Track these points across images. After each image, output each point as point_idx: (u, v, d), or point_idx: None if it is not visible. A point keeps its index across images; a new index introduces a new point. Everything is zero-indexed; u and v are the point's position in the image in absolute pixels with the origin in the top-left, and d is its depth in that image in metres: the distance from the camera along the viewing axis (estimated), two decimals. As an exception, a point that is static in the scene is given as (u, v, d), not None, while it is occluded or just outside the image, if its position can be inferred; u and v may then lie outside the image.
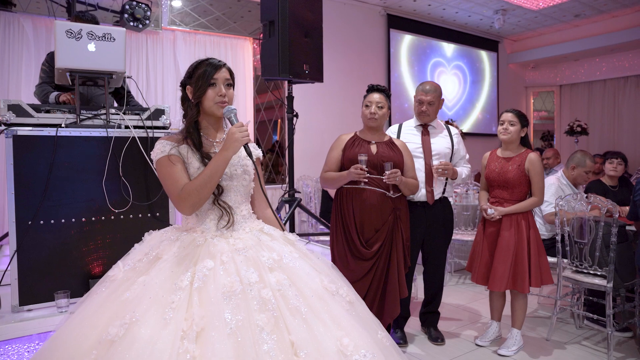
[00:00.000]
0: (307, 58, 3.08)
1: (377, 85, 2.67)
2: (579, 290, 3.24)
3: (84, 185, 2.36)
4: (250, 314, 1.27)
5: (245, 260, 1.43)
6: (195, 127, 1.62)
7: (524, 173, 2.71)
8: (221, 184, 1.56)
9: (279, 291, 1.36)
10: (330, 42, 6.22)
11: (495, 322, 2.94)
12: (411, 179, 2.62)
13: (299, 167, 5.78)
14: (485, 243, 2.80)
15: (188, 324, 1.22)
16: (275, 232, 1.62)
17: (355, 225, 2.51)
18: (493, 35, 8.34)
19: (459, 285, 4.27)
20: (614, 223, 2.70)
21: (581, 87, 8.83)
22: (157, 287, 1.32)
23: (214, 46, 5.28)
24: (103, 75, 2.46)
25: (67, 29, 2.33)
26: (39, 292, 2.25)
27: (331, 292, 1.46)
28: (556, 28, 7.94)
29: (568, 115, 8.83)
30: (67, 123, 2.35)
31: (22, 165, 2.22)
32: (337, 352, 1.28)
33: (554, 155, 5.32)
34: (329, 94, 6.06)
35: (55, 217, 2.29)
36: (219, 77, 1.59)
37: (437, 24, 7.48)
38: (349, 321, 1.38)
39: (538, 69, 9.17)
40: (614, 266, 2.72)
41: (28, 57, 4.27)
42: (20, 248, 2.22)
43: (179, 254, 1.44)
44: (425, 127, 2.93)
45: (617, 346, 2.91)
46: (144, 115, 2.54)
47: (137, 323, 1.22)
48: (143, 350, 1.16)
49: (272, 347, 1.22)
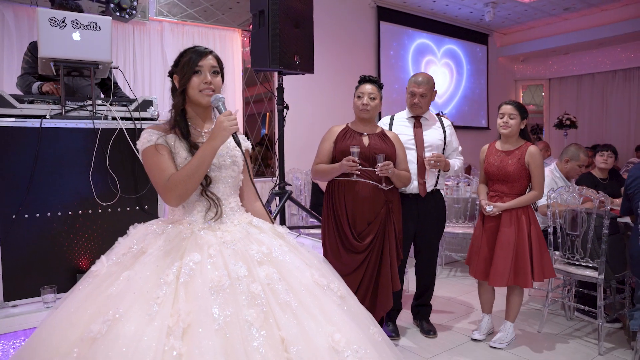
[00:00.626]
0: (298, 49, 3.03)
1: (369, 76, 2.63)
2: (570, 282, 3.26)
3: (70, 178, 2.30)
4: (239, 309, 1.23)
5: (233, 253, 1.38)
6: (182, 116, 1.57)
7: (524, 166, 2.69)
8: (209, 175, 1.51)
9: (269, 285, 1.32)
10: (320, 34, 6.15)
11: (487, 315, 2.95)
12: (403, 171, 2.60)
13: (289, 159, 5.71)
14: (484, 238, 2.77)
15: (174, 319, 1.18)
16: (264, 225, 1.58)
17: (348, 217, 2.49)
18: (483, 28, 8.34)
19: (450, 278, 4.28)
20: (606, 215, 2.71)
21: (570, 80, 8.90)
22: (141, 282, 1.27)
23: (202, 37, 5.20)
24: (89, 65, 2.39)
25: (51, 16, 2.25)
26: (25, 287, 2.19)
27: (322, 286, 1.42)
28: (546, 21, 7.97)
29: (557, 109, 8.89)
30: (52, 114, 2.28)
31: (5, 157, 2.15)
32: (328, 347, 1.24)
33: (544, 147, 5.36)
34: (319, 86, 6.00)
35: (40, 211, 2.23)
36: (205, 64, 1.54)
37: (427, 17, 7.46)
38: (340, 316, 1.35)
39: (527, 62, 9.21)
40: (605, 258, 2.73)
41: (10, 47, 4.16)
42: (5, 243, 2.15)
43: (164, 247, 1.39)
44: (418, 119, 2.91)
45: (608, 337, 2.94)
46: (132, 107, 2.48)
47: (121, 319, 1.17)
48: (127, 347, 1.12)
49: (262, 344, 1.18)
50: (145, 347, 1.12)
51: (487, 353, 2.73)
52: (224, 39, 5.37)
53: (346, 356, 1.25)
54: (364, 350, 1.30)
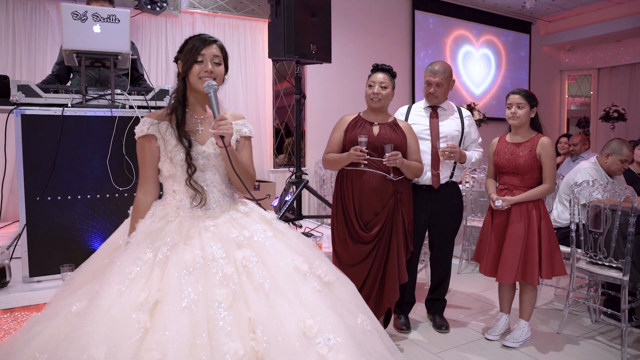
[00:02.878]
0: (315, 38, 3.02)
1: (382, 65, 2.59)
2: (595, 282, 3.09)
3: (89, 163, 2.44)
4: (210, 289, 1.27)
5: (212, 236, 1.43)
6: (182, 102, 1.62)
7: (535, 158, 2.57)
8: (197, 163, 1.55)
9: (244, 267, 1.35)
10: (353, 23, 6.11)
11: (504, 315, 2.84)
12: (415, 161, 2.55)
13: (316, 150, 5.76)
14: (493, 233, 2.69)
15: (144, 295, 1.24)
16: (252, 211, 1.61)
17: (355, 207, 2.48)
18: (525, 16, 7.95)
19: (474, 274, 4.17)
20: (632, 212, 2.54)
21: (622, 70, 8.32)
22: (122, 259, 1.34)
23: (233, 29, 5.29)
24: (109, 56, 2.51)
25: (73, 10, 2.38)
26: (47, 264, 2.36)
27: (303, 272, 1.43)
28: (595, 7, 7.47)
29: (607, 101, 8.34)
30: (73, 103, 2.42)
31: (31, 143, 2.31)
32: (299, 332, 1.26)
33: (582, 141, 5.05)
34: (349, 77, 5.96)
35: (61, 194, 2.38)
36: (207, 53, 1.58)
37: (465, 5, 7.20)
38: (316, 303, 1.36)
39: (575, 51, 8.69)
40: (630, 258, 2.57)
41: (53, 42, 4.41)
42: (30, 223, 2.32)
43: (149, 227, 1.47)
44: (435, 109, 2.84)
45: (635, 343, 2.77)
46: (149, 96, 2.58)
47: (99, 293, 1.25)
48: (98, 319, 1.19)
49: (228, 323, 1.22)
50: (113, 318, 1.19)
51: (497, 352, 2.65)
52: (254, 30, 5.43)
53: (317, 342, 1.26)
54: (338, 338, 1.30)
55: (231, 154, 1.50)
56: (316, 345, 1.26)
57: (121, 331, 1.16)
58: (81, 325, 1.19)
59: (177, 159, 1.54)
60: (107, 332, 1.15)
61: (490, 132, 7.00)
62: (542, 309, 3.32)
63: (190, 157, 1.53)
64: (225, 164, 1.58)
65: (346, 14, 6.00)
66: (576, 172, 3.26)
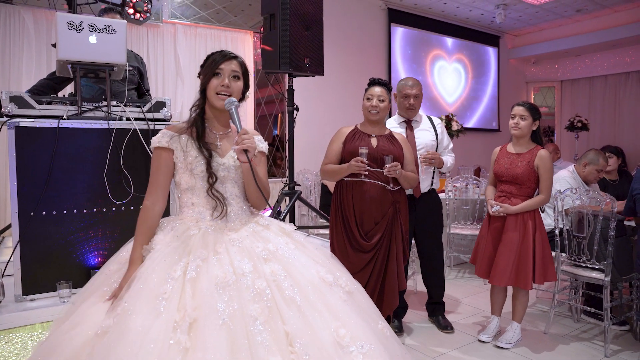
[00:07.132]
0: (308, 51, 3.08)
1: (379, 79, 2.67)
2: (577, 284, 3.26)
3: (85, 176, 2.38)
4: (244, 305, 1.27)
5: (239, 250, 1.43)
6: (201, 115, 1.62)
7: (533, 169, 2.70)
8: (218, 174, 1.55)
9: (274, 282, 1.36)
10: (331, 35, 6.21)
11: (495, 317, 2.95)
12: (410, 172, 2.63)
13: (300, 160, 5.78)
14: (489, 237, 2.80)
15: (181, 314, 1.22)
16: (271, 223, 1.62)
17: (355, 217, 2.53)
18: (494, 30, 8.32)
19: (459, 279, 4.29)
20: (613, 217, 2.71)
21: (582, 82, 8.82)
22: (149, 278, 1.31)
23: (215, 39, 5.28)
24: (104, 68, 2.46)
25: (69, 20, 2.33)
26: (42, 282, 2.27)
27: (328, 282, 1.45)
28: (557, 23, 7.92)
29: (569, 111, 8.82)
30: (69, 115, 2.36)
31: (24, 156, 2.23)
32: (333, 342, 1.27)
33: (554, 150, 5.33)
34: (330, 88, 6.06)
35: (57, 209, 2.30)
36: (225, 67, 1.59)
37: (438, 19, 7.46)
38: (346, 312, 1.38)
39: (539, 64, 9.15)
40: (611, 260, 2.73)
41: (29, 50, 4.28)
42: (23, 239, 2.23)
43: (172, 243, 1.44)
44: (409, 123, 2.97)
45: (615, 339, 2.93)
46: (145, 108, 2.55)
47: (129, 313, 1.21)
48: (134, 340, 1.15)
49: (266, 338, 1.22)
50: (151, 340, 1.16)
51: (492, 352, 2.75)
52: (235, 41, 5.44)
53: (351, 351, 1.29)
54: (369, 345, 1.32)
55: (254, 168, 1.51)
56: (350, 354, 1.28)
57: (161, 352, 1.14)
58: (116, 346, 1.16)
59: (198, 170, 1.54)
60: (148, 354, 1.13)
61: (466, 142, 7.25)
62: (527, 310, 3.46)
63: (211, 167, 1.54)
64: (245, 177, 1.58)
65: (326, 26, 6.10)
66: (556, 180, 3.44)
